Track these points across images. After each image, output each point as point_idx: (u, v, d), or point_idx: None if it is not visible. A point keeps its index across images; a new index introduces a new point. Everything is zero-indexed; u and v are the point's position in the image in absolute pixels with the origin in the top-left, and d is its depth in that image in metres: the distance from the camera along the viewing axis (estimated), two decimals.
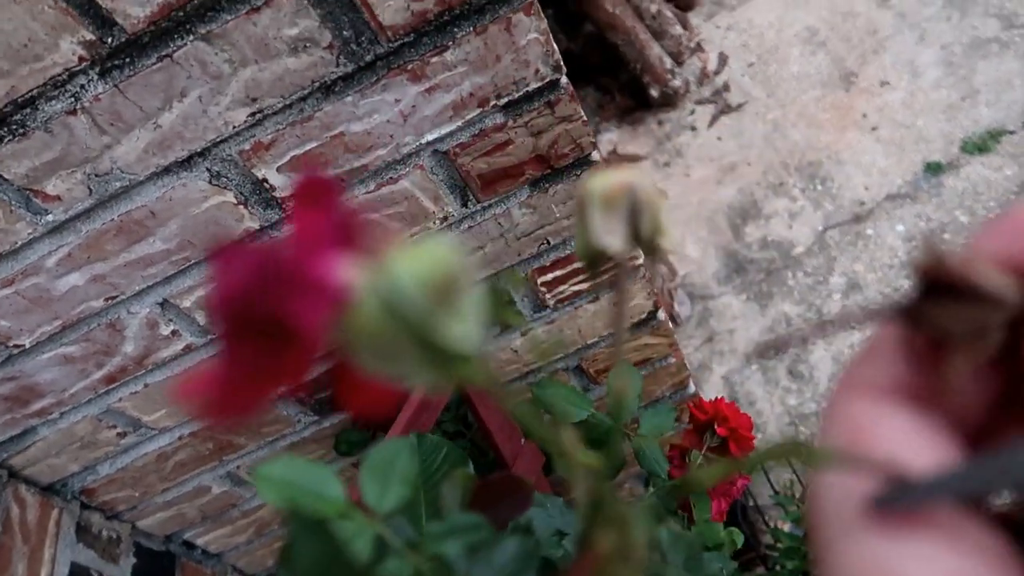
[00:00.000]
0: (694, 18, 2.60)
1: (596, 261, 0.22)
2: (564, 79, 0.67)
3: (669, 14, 2.39)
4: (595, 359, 0.97)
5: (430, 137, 0.68)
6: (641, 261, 0.86)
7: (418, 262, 0.14)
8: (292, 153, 0.66)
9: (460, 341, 0.15)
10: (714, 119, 2.36)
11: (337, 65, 0.61)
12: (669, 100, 2.41)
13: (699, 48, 2.52)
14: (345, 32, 0.59)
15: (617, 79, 2.52)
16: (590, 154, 0.73)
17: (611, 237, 0.20)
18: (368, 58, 0.61)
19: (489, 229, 0.77)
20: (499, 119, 0.68)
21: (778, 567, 1.29)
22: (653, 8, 2.34)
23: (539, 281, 0.84)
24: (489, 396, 0.78)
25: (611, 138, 2.46)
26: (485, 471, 0.88)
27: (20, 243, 0.65)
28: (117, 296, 0.72)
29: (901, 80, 2.21)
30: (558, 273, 0.84)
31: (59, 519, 0.90)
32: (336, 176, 0.67)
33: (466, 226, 0.76)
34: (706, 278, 2.07)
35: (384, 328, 0.14)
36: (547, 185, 0.75)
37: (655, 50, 2.32)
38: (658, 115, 2.45)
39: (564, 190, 0.76)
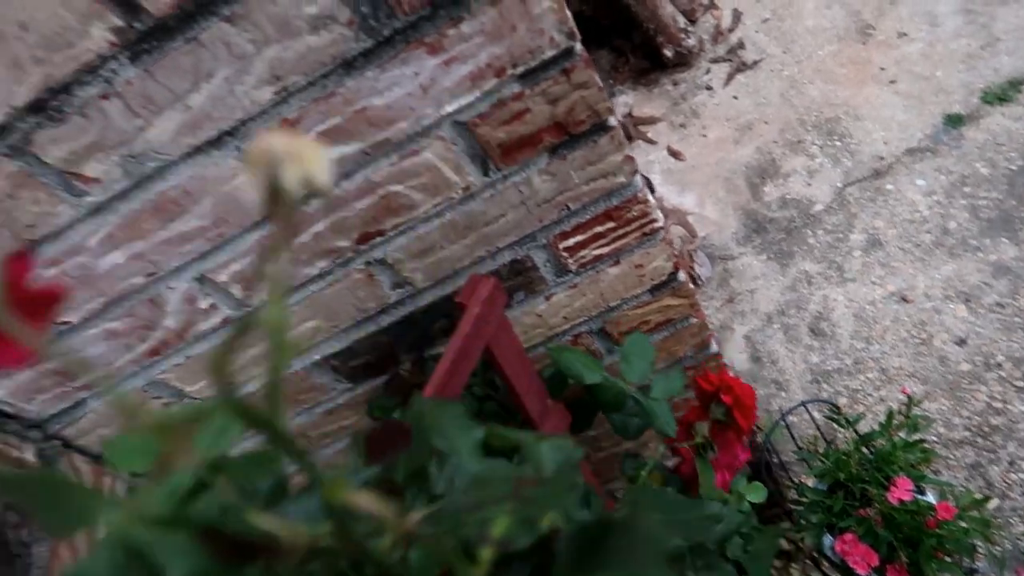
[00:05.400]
0: None
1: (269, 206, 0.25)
2: (579, 46, 0.68)
3: None
4: (618, 322, 0.99)
5: (449, 108, 0.69)
6: (660, 224, 0.87)
7: None
8: (317, 128, 0.68)
9: None
10: (729, 78, 2.34)
11: (357, 41, 0.62)
12: (684, 60, 2.39)
13: (712, 5, 2.49)
14: (363, 8, 0.61)
15: (631, 40, 2.50)
16: (607, 120, 0.75)
17: (257, 191, 0.24)
18: (386, 33, 0.63)
19: (510, 197, 0.79)
20: (516, 88, 0.69)
21: (803, 521, 1.32)
22: None
23: (561, 246, 0.86)
24: (518, 360, 0.81)
25: (626, 100, 2.45)
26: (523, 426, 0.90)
27: (63, 225, 0.68)
28: (156, 272, 0.75)
29: (919, 31, 2.17)
30: (579, 238, 0.86)
31: (112, 486, 0.94)
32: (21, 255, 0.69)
33: (488, 194, 0.78)
34: (726, 239, 2.07)
35: None
36: (565, 152, 0.76)
37: (668, 9, 2.29)
38: (673, 75, 2.43)
39: (582, 156, 0.77)
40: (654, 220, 0.86)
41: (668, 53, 2.36)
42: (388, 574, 0.34)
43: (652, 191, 2.14)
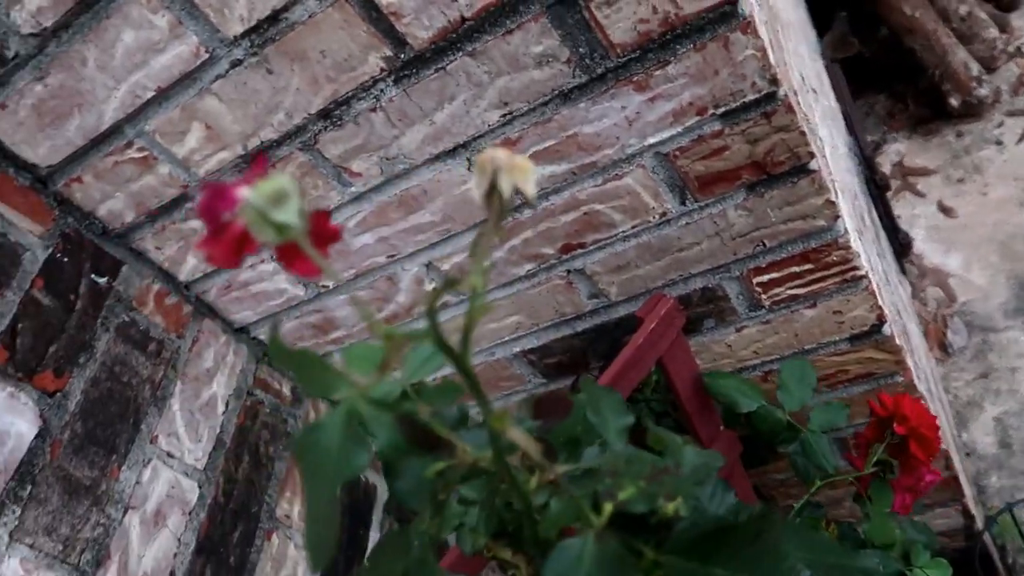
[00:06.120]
0: (1017, 20, 2.32)
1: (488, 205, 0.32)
2: (782, 91, 0.72)
3: (983, 15, 2.18)
4: (815, 364, 0.98)
5: (652, 140, 0.77)
6: (863, 272, 0.86)
7: (264, 188, 0.27)
8: (534, 148, 0.79)
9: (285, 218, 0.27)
10: None
11: (573, 76, 0.72)
12: (972, 110, 2.19)
13: (1019, 53, 2.25)
14: (581, 49, 0.70)
15: (914, 86, 2.35)
16: (807, 163, 0.77)
17: (479, 191, 0.30)
18: (599, 71, 0.72)
19: (705, 227, 0.84)
20: (716, 126, 0.75)
21: None
22: (963, 9, 2.15)
23: (755, 281, 0.89)
24: (692, 382, 0.85)
25: (898, 149, 2.30)
26: None
27: (332, 207, 0.86)
28: (396, 255, 0.90)
29: None
30: (774, 275, 0.88)
31: None
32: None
33: (684, 222, 0.84)
34: (991, 308, 1.88)
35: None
36: (763, 190, 0.80)
37: (959, 55, 2.12)
38: (957, 126, 2.24)
39: (780, 196, 0.80)
40: (856, 268, 0.86)
41: (954, 102, 2.18)
42: (530, 512, 0.42)
43: (909, 247, 2.00)
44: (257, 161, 0.30)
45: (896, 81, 2.40)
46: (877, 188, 1.78)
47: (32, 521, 0.73)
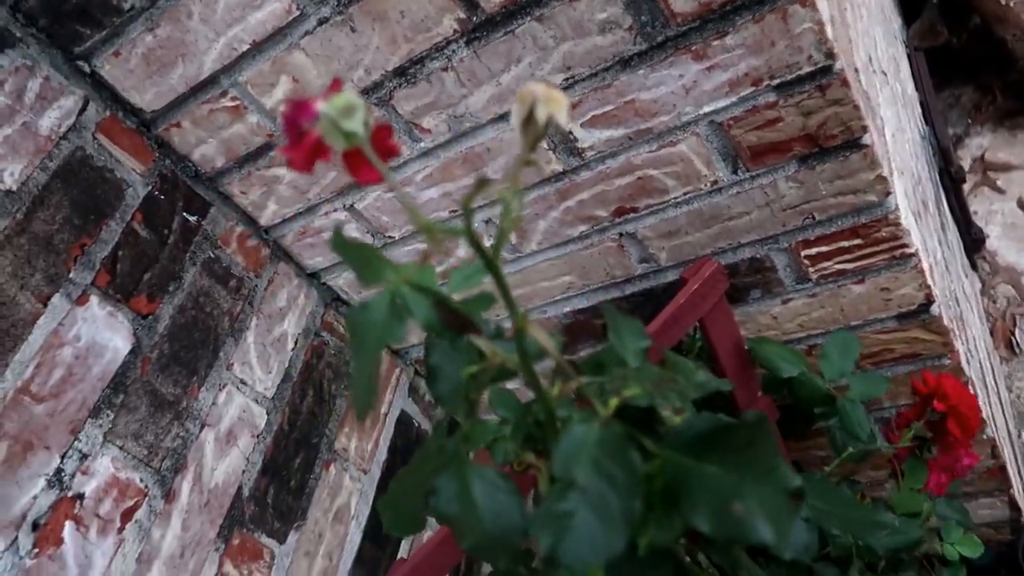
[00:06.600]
0: None
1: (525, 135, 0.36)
2: (839, 64, 0.74)
3: None
4: (861, 341, 1.00)
5: (707, 109, 0.80)
6: (913, 250, 0.88)
7: (336, 101, 0.31)
8: (593, 112, 0.83)
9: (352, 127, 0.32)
10: None
11: (634, 44, 0.76)
12: None
13: None
14: (643, 17, 0.74)
15: (1003, 78, 2.27)
16: (860, 137, 0.79)
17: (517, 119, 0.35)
18: (660, 39, 0.75)
19: (755, 197, 0.87)
20: (771, 98, 0.77)
21: None
22: None
23: (802, 254, 0.91)
24: (732, 346, 0.89)
25: (981, 143, 2.24)
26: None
27: (403, 161, 0.92)
28: (457, 211, 0.96)
29: None
30: (822, 249, 0.90)
31: (399, 376, 1.21)
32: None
33: (734, 191, 0.87)
34: None
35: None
36: (814, 163, 0.82)
37: None
38: None
39: (831, 169, 0.82)
40: (906, 245, 0.87)
41: None
42: (552, 419, 0.47)
43: (982, 243, 1.95)
44: (333, 84, 0.35)
45: (985, 73, 2.32)
46: (951, 180, 1.75)
47: (123, 426, 0.82)
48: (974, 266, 1.93)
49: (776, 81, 0.76)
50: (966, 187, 2.10)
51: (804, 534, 0.63)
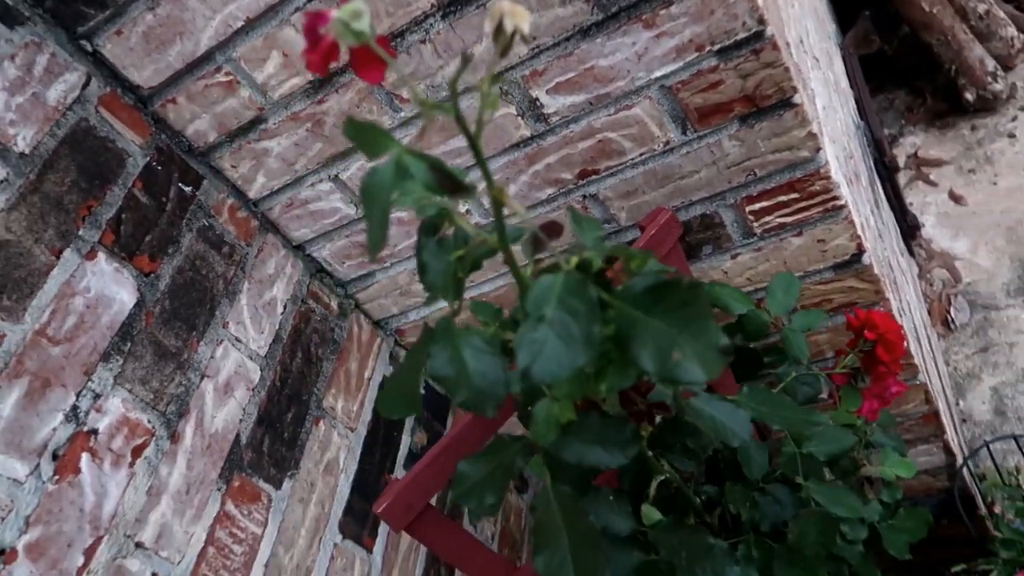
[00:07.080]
0: None
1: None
2: (769, 30, 0.85)
3: (1001, 15, 2.27)
4: (801, 295, 1.11)
5: (658, 74, 0.90)
6: (844, 202, 0.99)
7: (346, 8, 0.40)
8: (557, 80, 0.92)
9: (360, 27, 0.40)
10: None
11: (592, 14, 0.86)
12: (988, 105, 2.29)
13: None
14: None
15: (932, 82, 2.45)
16: (791, 97, 0.90)
17: (491, 30, 0.44)
18: (614, 9, 0.85)
19: (703, 156, 0.97)
20: (713, 62, 0.88)
21: (994, 557, 1.28)
22: (981, 8, 2.25)
23: (747, 209, 1.02)
24: None
25: (914, 141, 2.40)
26: None
27: (386, 129, 1.00)
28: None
29: None
30: (764, 204, 1.01)
31: (380, 345, 1.28)
32: None
33: (685, 151, 0.97)
34: (994, 288, 1.97)
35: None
36: (753, 122, 0.93)
37: (975, 51, 2.22)
38: (972, 120, 2.33)
39: (768, 127, 0.93)
40: (836, 198, 0.98)
41: (969, 97, 2.28)
42: (525, 281, 0.56)
43: (917, 229, 2.10)
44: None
45: (916, 77, 2.50)
46: (886, 169, 1.89)
47: (131, 371, 0.89)
48: (911, 252, 2.08)
49: (717, 46, 0.87)
50: (902, 181, 2.26)
51: (748, 426, 0.72)
